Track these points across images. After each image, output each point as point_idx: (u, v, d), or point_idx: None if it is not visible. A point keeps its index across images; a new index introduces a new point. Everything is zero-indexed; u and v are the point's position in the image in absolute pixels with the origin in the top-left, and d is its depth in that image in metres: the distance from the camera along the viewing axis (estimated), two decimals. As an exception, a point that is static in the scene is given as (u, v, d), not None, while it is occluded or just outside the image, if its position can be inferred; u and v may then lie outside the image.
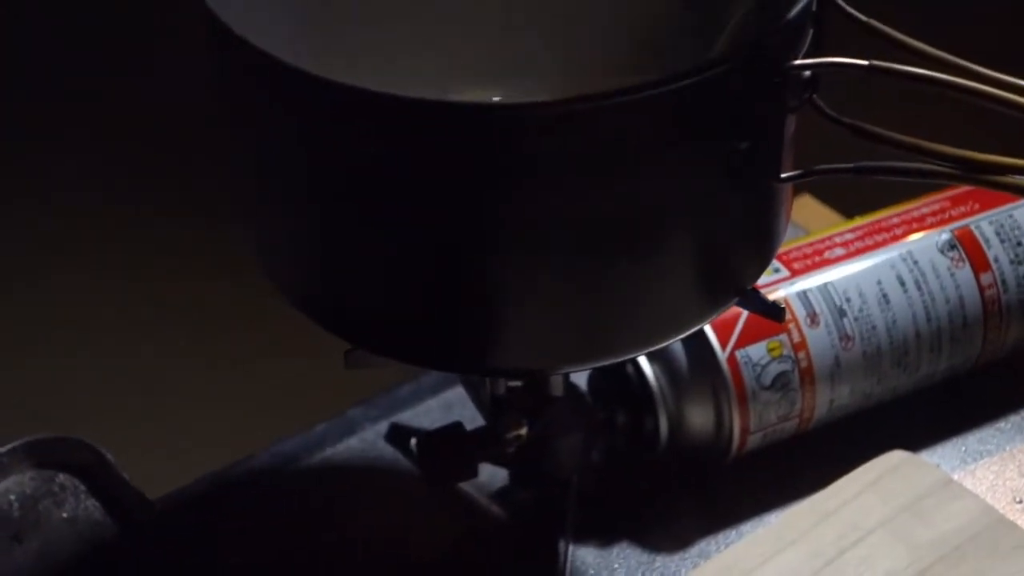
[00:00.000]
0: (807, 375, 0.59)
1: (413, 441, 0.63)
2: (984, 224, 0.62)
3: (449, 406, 0.65)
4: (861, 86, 0.50)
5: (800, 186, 0.67)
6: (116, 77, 1.58)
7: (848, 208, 0.73)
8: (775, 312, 0.50)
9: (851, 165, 0.48)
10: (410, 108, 0.42)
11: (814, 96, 0.48)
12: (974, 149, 0.46)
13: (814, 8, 0.47)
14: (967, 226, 0.62)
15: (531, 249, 0.45)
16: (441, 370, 0.58)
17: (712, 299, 0.49)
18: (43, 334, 1.27)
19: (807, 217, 0.75)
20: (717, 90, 0.43)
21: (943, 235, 0.62)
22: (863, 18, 0.47)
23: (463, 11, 0.54)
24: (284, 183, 0.47)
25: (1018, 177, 0.45)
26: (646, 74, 0.43)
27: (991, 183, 0.45)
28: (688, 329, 0.50)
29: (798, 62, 0.45)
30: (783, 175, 0.47)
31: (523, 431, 0.57)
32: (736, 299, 0.50)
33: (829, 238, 0.62)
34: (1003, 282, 0.62)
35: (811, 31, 0.47)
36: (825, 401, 0.60)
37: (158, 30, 1.56)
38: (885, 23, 0.48)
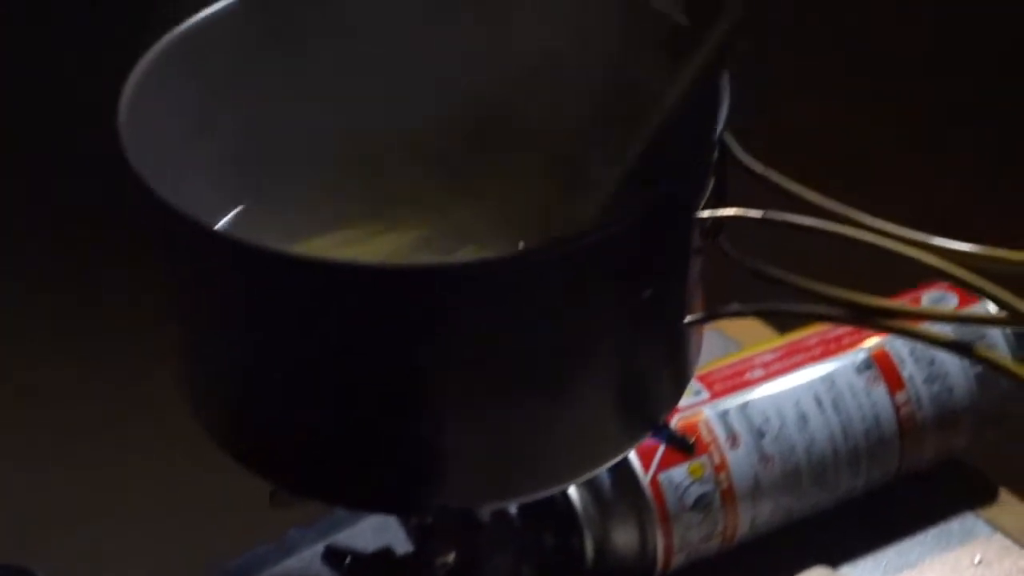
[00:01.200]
0: (728, 495, 0.61)
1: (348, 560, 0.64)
2: (899, 344, 0.65)
3: (384, 527, 0.66)
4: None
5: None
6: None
7: (782, 322, 0.75)
8: (684, 445, 0.53)
9: (752, 307, 0.50)
10: (328, 270, 0.44)
11: (719, 238, 0.50)
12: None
13: (715, 159, 0.49)
14: (882, 346, 0.64)
15: (450, 397, 0.47)
16: (362, 511, 0.60)
17: (627, 435, 0.51)
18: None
19: (740, 331, 0.77)
20: (620, 244, 0.46)
21: (859, 355, 0.64)
22: (759, 169, 0.49)
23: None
24: (204, 328, 0.48)
25: (901, 320, 0.47)
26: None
27: (878, 325, 0.48)
28: (607, 463, 0.52)
29: (697, 214, 0.48)
30: (688, 318, 0.50)
31: (451, 557, 0.58)
32: (651, 433, 0.52)
33: (750, 359, 0.64)
34: (918, 399, 0.64)
35: (712, 180, 0.49)
36: (747, 520, 0.62)
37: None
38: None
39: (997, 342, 0.65)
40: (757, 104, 0.50)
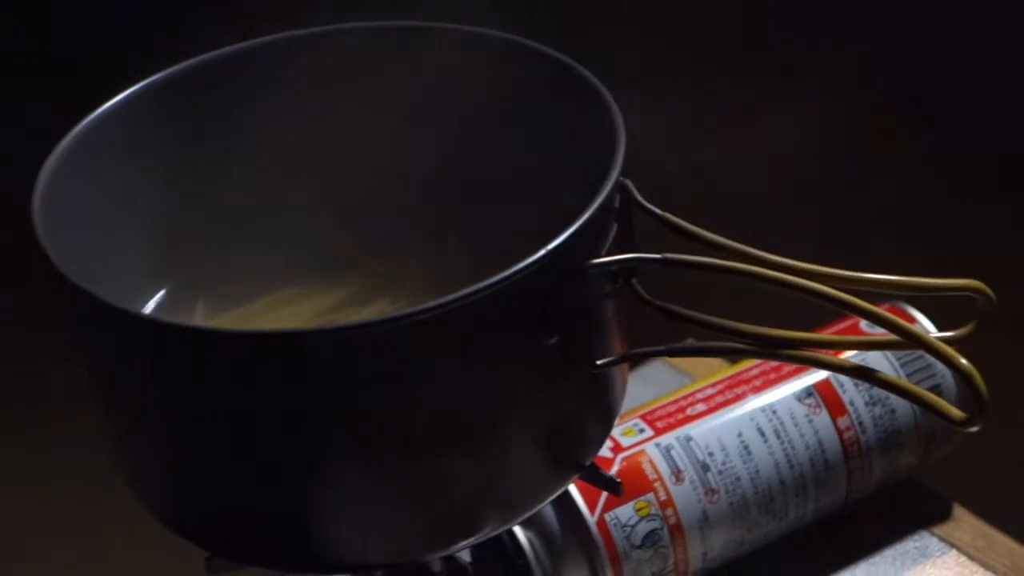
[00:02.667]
0: (676, 531, 0.62)
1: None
2: (838, 369, 0.65)
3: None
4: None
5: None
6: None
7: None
8: (613, 486, 0.53)
9: (663, 348, 0.51)
10: (232, 340, 0.45)
11: (632, 281, 0.51)
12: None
13: (616, 205, 0.50)
14: (822, 373, 0.65)
15: (372, 457, 0.47)
16: (300, 572, 0.61)
17: (554, 479, 0.52)
18: None
19: (693, 364, 0.78)
20: (518, 294, 0.46)
21: (800, 383, 0.65)
22: (659, 212, 0.50)
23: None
24: (118, 404, 0.49)
25: (808, 350, 0.48)
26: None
27: (785, 356, 0.49)
28: (536, 506, 0.53)
29: (596, 260, 0.48)
30: (598, 362, 0.51)
31: (404, 606, 0.59)
32: (577, 475, 0.53)
33: (691, 394, 0.65)
34: (860, 423, 0.65)
35: (614, 226, 0.50)
36: (698, 554, 0.63)
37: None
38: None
39: (942, 373, 0.66)
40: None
